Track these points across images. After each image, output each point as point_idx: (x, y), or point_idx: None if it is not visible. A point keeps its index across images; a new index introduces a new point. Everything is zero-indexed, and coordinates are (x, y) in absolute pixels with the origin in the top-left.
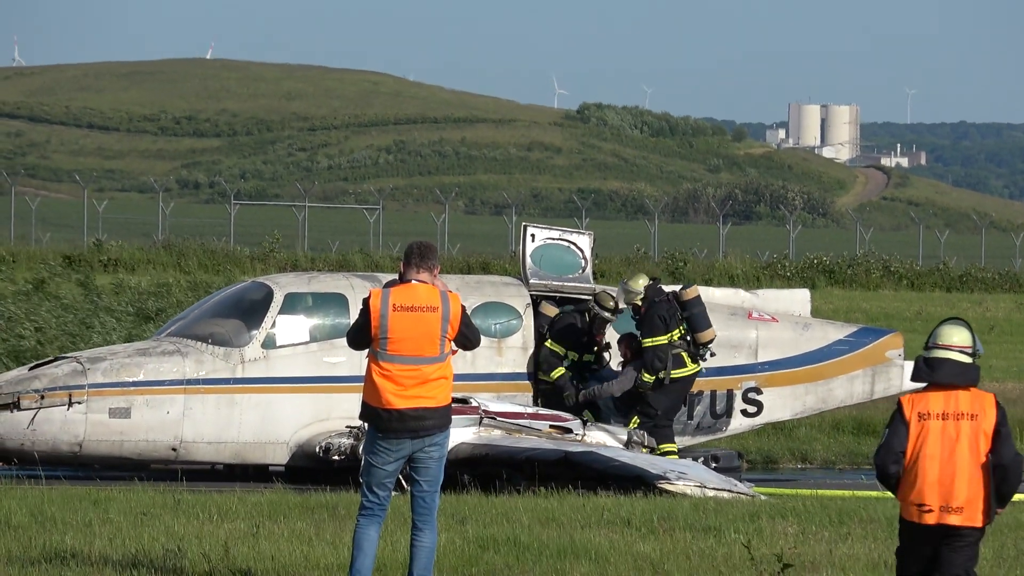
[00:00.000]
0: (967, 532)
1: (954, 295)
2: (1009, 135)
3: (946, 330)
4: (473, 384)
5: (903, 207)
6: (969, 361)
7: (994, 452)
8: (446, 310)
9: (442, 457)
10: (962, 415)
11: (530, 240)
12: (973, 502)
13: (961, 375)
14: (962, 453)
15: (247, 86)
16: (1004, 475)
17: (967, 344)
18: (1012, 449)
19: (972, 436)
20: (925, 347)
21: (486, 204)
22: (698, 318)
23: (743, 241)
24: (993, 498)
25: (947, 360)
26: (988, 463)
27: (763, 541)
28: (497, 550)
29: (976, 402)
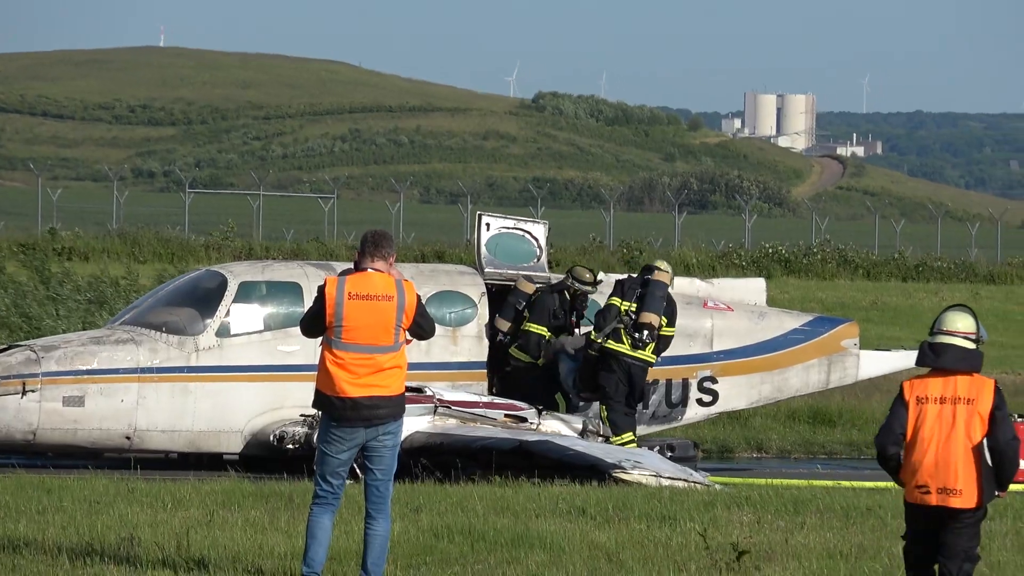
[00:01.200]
0: (966, 514)
1: (910, 285)
2: (965, 125)
3: (950, 316)
4: (428, 373)
5: (859, 197)
6: (972, 347)
7: (990, 435)
8: (401, 299)
9: (396, 446)
10: (959, 399)
11: (485, 229)
12: (970, 484)
13: (964, 360)
14: (958, 436)
15: (202, 74)
16: (1001, 458)
17: (971, 330)
18: (1009, 433)
19: (968, 419)
20: (930, 333)
21: (441, 193)
22: (647, 298)
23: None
24: (989, 481)
25: (951, 346)
26: (982, 446)
27: (718, 530)
28: (451, 539)
29: (974, 386)
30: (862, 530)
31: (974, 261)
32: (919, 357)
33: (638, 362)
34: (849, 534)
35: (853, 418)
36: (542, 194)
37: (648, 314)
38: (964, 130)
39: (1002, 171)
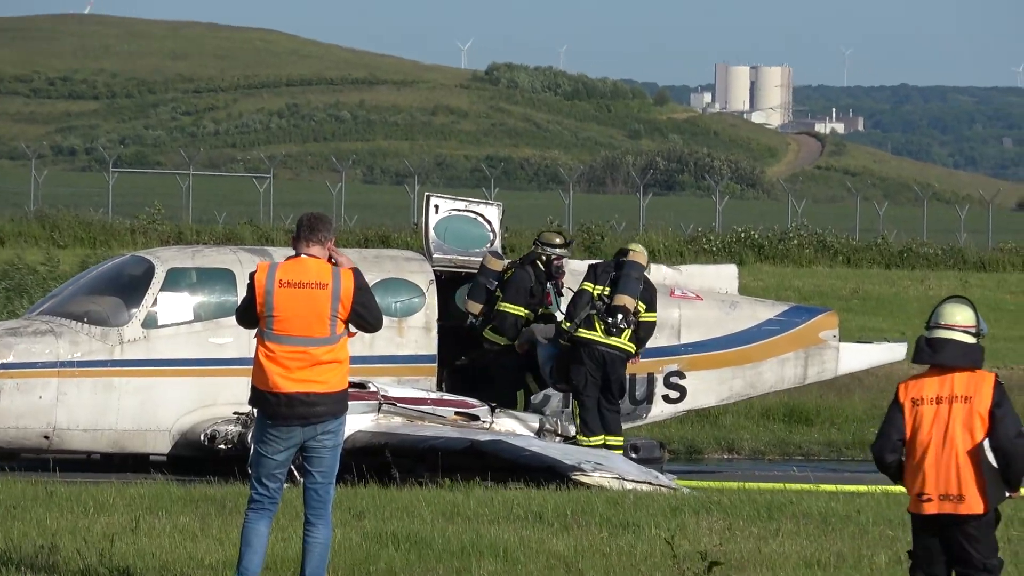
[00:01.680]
0: (974, 521)
1: (894, 272)
2: (954, 99)
3: (949, 309)
4: (371, 367)
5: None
6: (973, 341)
7: (992, 435)
8: (336, 287)
9: (336, 446)
10: (956, 398)
11: (433, 211)
12: (973, 489)
13: (964, 356)
14: (956, 438)
15: (128, 44)
16: (1005, 458)
17: (971, 324)
18: (1013, 430)
19: (966, 419)
20: (926, 327)
21: (386, 172)
22: (622, 280)
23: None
24: (995, 482)
25: (950, 341)
26: (983, 446)
27: (686, 538)
28: (397, 547)
29: (972, 383)
30: (841, 537)
31: (963, 247)
32: (916, 353)
33: (613, 350)
34: (827, 542)
35: (832, 416)
36: (496, 174)
37: (622, 296)
38: (953, 105)
39: (994, 149)
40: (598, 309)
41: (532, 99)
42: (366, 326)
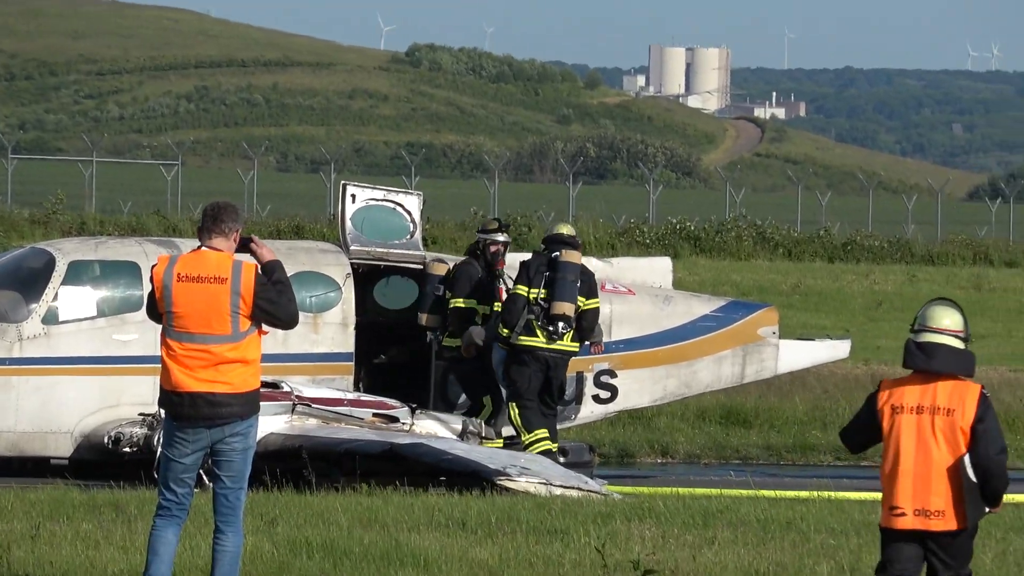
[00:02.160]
0: (950, 536)
1: (837, 266)
2: (901, 83)
3: (937, 311)
4: (285, 366)
5: (779, 165)
6: (963, 347)
7: (972, 451)
8: (236, 282)
9: (247, 449)
10: (938, 409)
11: (350, 201)
12: (951, 504)
13: (958, 363)
14: (936, 452)
15: (27, 23)
16: (985, 475)
17: (959, 328)
18: (995, 447)
19: (947, 433)
20: (912, 330)
21: (301, 160)
22: (558, 285)
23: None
24: (973, 498)
25: (942, 346)
26: (963, 461)
27: (617, 546)
28: (311, 555)
29: (956, 395)
30: (781, 546)
31: (911, 239)
32: (906, 358)
33: (556, 354)
34: (766, 551)
35: (771, 418)
36: (417, 161)
37: (561, 304)
38: (900, 89)
39: (943, 136)
40: (536, 314)
41: (455, 82)
42: (276, 323)
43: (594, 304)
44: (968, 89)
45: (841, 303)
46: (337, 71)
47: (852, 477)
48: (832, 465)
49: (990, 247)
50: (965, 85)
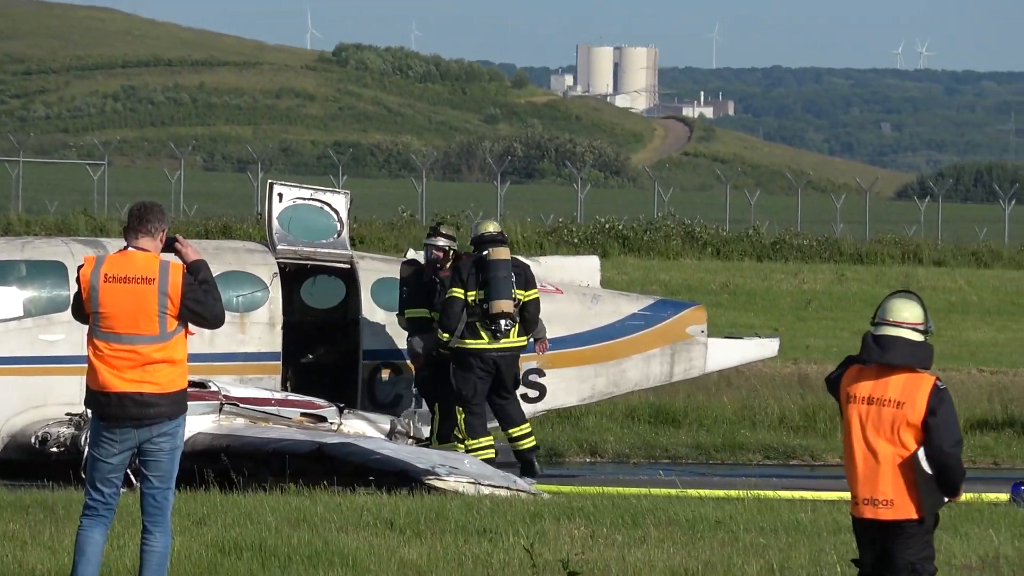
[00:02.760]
0: (906, 525)
1: (766, 265)
2: (829, 81)
3: (896, 304)
4: (212, 366)
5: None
6: (921, 339)
7: (926, 444)
8: (164, 282)
9: (175, 449)
10: (887, 402)
11: (277, 200)
12: (902, 495)
13: (914, 355)
14: (885, 444)
15: None
16: (939, 468)
17: (919, 321)
18: (949, 440)
19: (895, 426)
20: (872, 323)
21: (228, 159)
22: (492, 284)
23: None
24: (929, 489)
25: (898, 339)
26: (916, 454)
27: (546, 545)
28: (239, 555)
29: (908, 388)
30: (710, 545)
31: (839, 238)
32: (863, 350)
33: (504, 352)
34: (696, 550)
35: (700, 417)
36: (344, 160)
37: (499, 302)
38: (828, 87)
39: (872, 135)
40: (477, 316)
41: (382, 81)
42: (203, 323)
43: (533, 295)
44: (896, 88)
45: (770, 302)
46: (264, 70)
47: (781, 476)
48: (761, 464)
49: (919, 246)
50: (893, 84)
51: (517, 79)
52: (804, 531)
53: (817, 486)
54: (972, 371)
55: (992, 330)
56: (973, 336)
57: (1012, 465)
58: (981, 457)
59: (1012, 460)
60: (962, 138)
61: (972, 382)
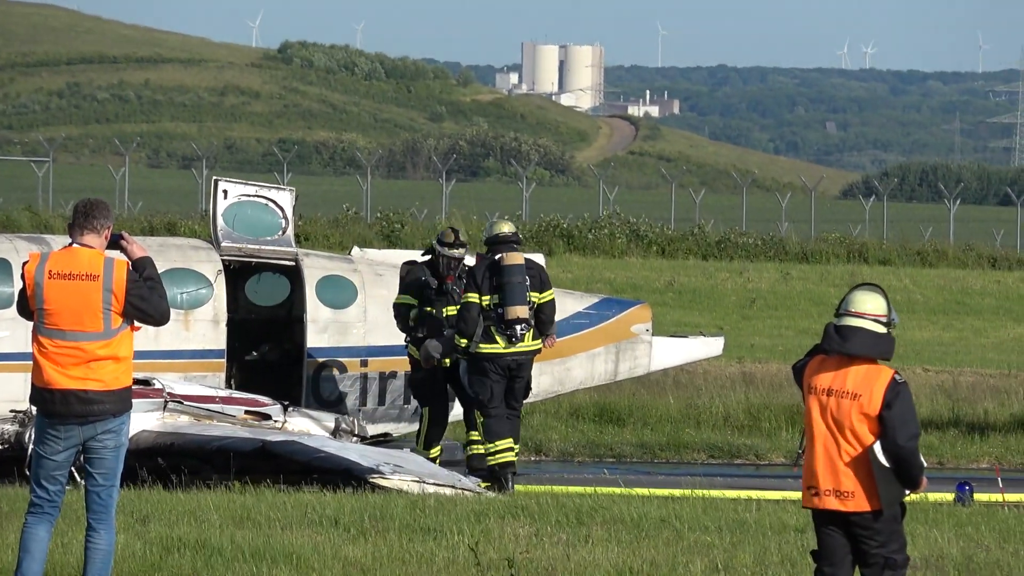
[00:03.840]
0: (867, 517)
1: (711, 263)
2: (775, 80)
3: (859, 296)
4: (156, 363)
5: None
6: (883, 331)
7: (882, 437)
8: (108, 279)
9: (119, 447)
10: (845, 394)
11: (222, 197)
12: (861, 486)
13: (874, 346)
14: (842, 435)
15: None
16: (896, 462)
17: (881, 312)
18: (905, 433)
19: (852, 418)
20: (836, 314)
21: (173, 156)
22: (508, 289)
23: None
24: (888, 481)
25: (860, 329)
26: (874, 448)
27: (491, 544)
28: (183, 553)
29: (866, 380)
30: (655, 544)
31: (784, 237)
32: (824, 340)
33: (520, 356)
34: (640, 548)
35: (645, 416)
36: (289, 158)
37: (515, 308)
38: (774, 87)
39: (817, 134)
40: (492, 320)
41: (328, 79)
42: (148, 320)
43: (549, 296)
44: (842, 87)
45: (715, 301)
46: (209, 68)
47: (725, 475)
48: (705, 463)
49: (864, 245)
50: (839, 83)
51: (462, 77)
52: (749, 530)
53: (762, 485)
54: (917, 370)
55: (937, 329)
56: (918, 335)
57: (957, 465)
58: (926, 456)
59: (957, 460)
60: (907, 138)
61: (917, 381)
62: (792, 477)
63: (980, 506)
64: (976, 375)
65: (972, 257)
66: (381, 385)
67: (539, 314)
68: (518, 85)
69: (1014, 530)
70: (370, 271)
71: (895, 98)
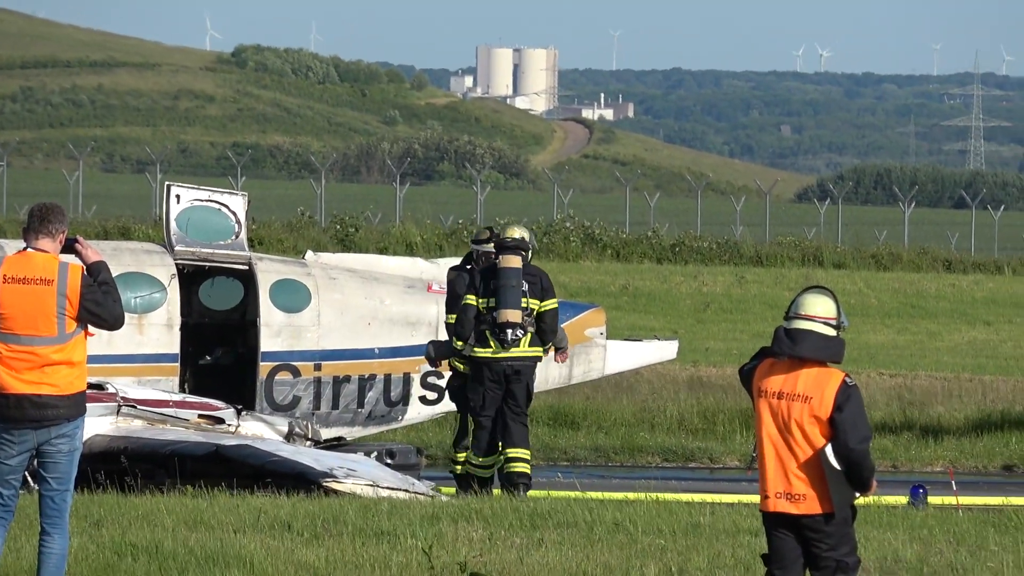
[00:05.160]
0: (819, 520)
1: (665, 267)
2: (730, 84)
3: (809, 299)
4: (110, 367)
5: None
6: (833, 334)
7: (833, 440)
8: (63, 284)
9: (73, 451)
10: (796, 396)
11: (175, 201)
12: (813, 489)
13: (824, 349)
14: (793, 439)
15: None
16: (847, 464)
17: (831, 315)
18: (856, 436)
19: (803, 420)
20: (785, 317)
21: (127, 160)
22: (502, 292)
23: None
24: (839, 484)
25: (809, 332)
26: (825, 450)
27: (445, 548)
28: (136, 557)
29: (817, 383)
30: (608, 548)
31: (739, 240)
32: (774, 343)
33: (515, 361)
34: (594, 552)
35: (599, 419)
36: (243, 162)
37: (505, 312)
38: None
39: (771, 137)
40: (488, 324)
41: (281, 83)
42: (102, 324)
43: (551, 305)
44: (796, 91)
45: (669, 304)
46: (163, 72)
47: (680, 479)
48: (660, 467)
49: (819, 248)
50: (793, 87)
51: (416, 81)
52: (703, 533)
53: (716, 488)
54: (871, 374)
55: (892, 332)
56: (873, 339)
57: (911, 468)
58: (880, 460)
59: (911, 463)
60: (862, 140)
61: (872, 385)
62: (746, 480)
63: (934, 509)
64: (930, 378)
65: (927, 260)
66: (335, 389)
67: (539, 322)
68: (472, 88)
69: (968, 533)
70: (324, 275)
71: (850, 101)
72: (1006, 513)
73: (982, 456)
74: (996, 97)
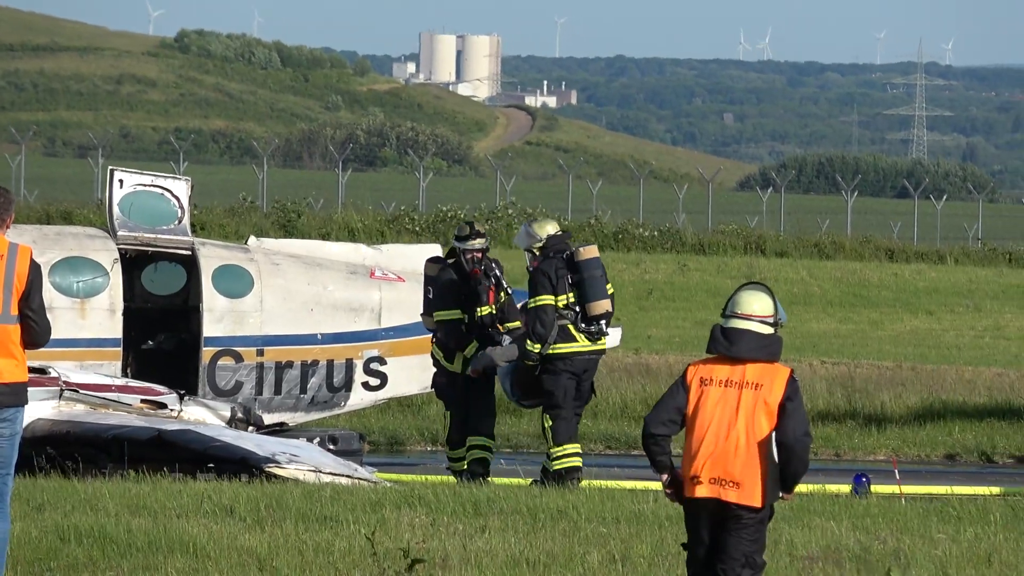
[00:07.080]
0: (744, 512)
1: (608, 254)
2: (673, 72)
3: (745, 297)
4: (52, 351)
5: (550, 153)
6: (771, 332)
7: (779, 428)
8: (12, 259)
9: (14, 435)
10: (747, 384)
11: (118, 186)
12: (750, 478)
13: (762, 348)
14: (740, 424)
15: None
16: (788, 455)
17: (768, 313)
18: (800, 427)
19: (752, 407)
20: (722, 315)
21: (69, 145)
22: (590, 284)
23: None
24: (774, 479)
25: (746, 331)
26: (769, 440)
27: (387, 534)
28: (79, 541)
29: (767, 373)
30: (552, 535)
31: (681, 228)
32: (710, 343)
33: (595, 355)
34: (537, 539)
35: None
36: (185, 147)
37: (600, 303)
38: (672, 78)
39: (714, 125)
40: (570, 319)
41: (224, 68)
42: (31, 321)
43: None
44: (739, 79)
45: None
46: (105, 56)
47: (623, 466)
48: (602, 454)
49: (761, 236)
50: (736, 75)
51: (359, 67)
52: (646, 521)
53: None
54: (814, 362)
55: (834, 321)
56: (815, 327)
57: (854, 457)
58: (823, 448)
59: (854, 452)
60: (805, 129)
61: (814, 373)
62: None
63: (877, 498)
64: (873, 367)
65: (869, 249)
66: (277, 374)
67: None
68: (415, 75)
69: (911, 522)
70: (267, 260)
71: (793, 90)
72: (949, 502)
73: (925, 445)
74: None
